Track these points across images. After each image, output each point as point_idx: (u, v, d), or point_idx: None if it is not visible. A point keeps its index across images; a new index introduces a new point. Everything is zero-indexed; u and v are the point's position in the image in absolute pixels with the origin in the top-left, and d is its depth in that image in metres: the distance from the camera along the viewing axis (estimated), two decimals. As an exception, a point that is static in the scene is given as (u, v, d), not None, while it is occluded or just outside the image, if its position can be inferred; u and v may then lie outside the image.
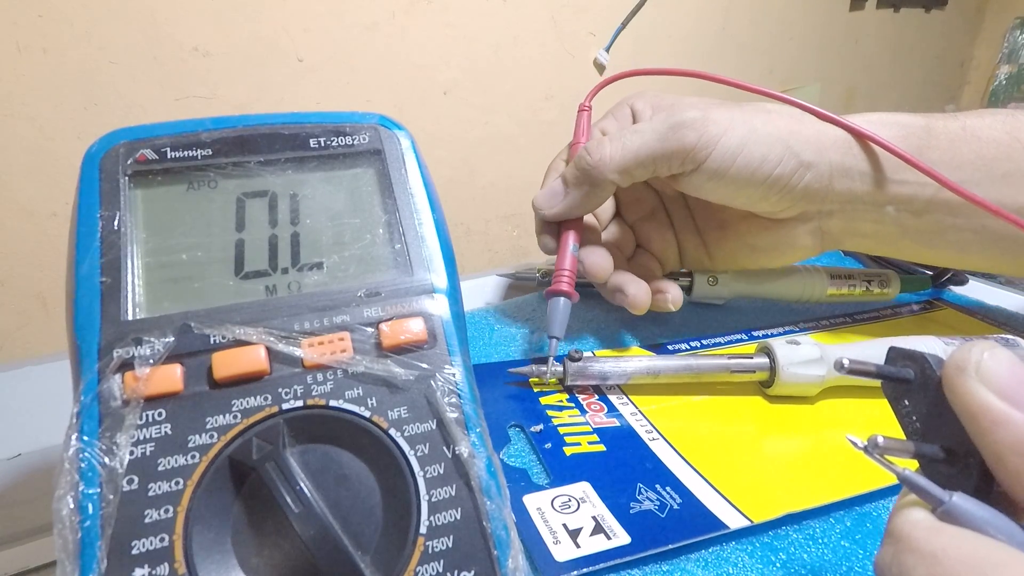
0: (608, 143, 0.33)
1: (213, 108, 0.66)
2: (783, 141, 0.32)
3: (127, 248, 0.21)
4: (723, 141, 0.31)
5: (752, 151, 0.31)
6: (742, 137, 0.31)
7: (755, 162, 0.31)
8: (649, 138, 0.32)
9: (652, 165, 0.32)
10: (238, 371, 0.20)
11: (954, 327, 0.41)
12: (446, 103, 0.79)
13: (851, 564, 0.24)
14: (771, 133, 0.32)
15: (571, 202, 0.34)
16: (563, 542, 0.24)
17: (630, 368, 0.32)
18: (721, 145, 0.31)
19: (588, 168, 0.33)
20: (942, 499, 0.15)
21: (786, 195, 0.33)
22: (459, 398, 0.21)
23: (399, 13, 0.72)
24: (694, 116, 0.31)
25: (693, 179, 0.33)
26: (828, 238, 0.36)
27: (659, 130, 0.32)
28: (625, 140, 0.32)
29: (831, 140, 0.32)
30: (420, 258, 0.24)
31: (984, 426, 0.15)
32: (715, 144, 0.31)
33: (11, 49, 0.55)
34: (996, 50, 1.28)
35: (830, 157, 0.32)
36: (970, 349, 0.16)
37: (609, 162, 0.32)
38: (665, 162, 0.32)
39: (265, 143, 0.24)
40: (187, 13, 0.61)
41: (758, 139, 0.31)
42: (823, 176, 0.32)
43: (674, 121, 0.32)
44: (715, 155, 0.31)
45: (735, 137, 0.31)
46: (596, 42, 0.85)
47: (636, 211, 0.40)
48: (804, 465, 0.29)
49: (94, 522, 0.17)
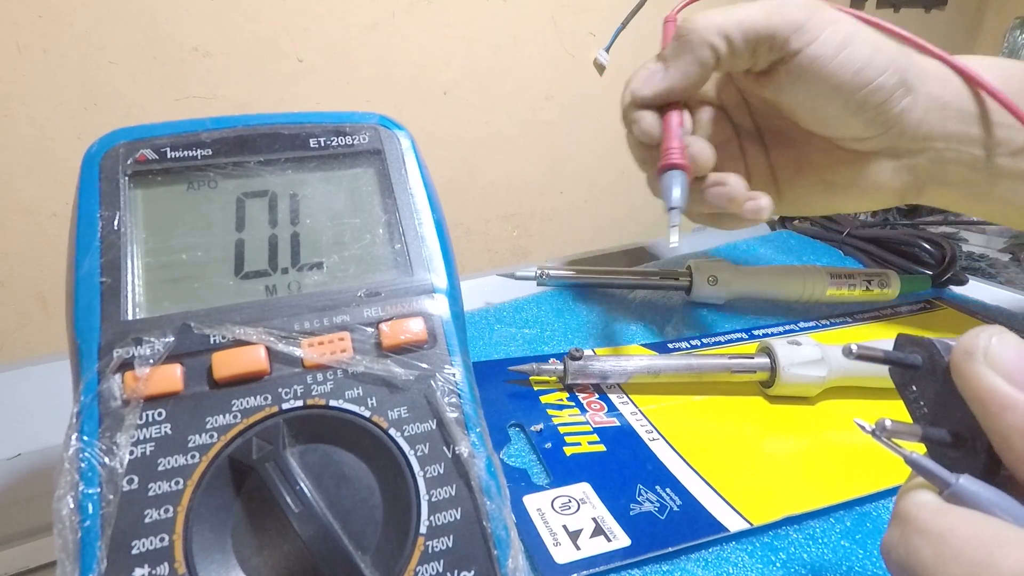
0: (711, 11, 0.31)
1: (213, 108, 0.66)
2: (888, 52, 0.30)
3: (127, 248, 0.21)
4: (832, 29, 0.30)
5: (858, 49, 0.30)
6: (849, 32, 0.30)
7: (859, 62, 0.30)
8: (756, 10, 0.31)
9: (755, 39, 0.31)
10: (238, 371, 0.20)
11: (954, 327, 0.41)
12: (446, 103, 0.79)
13: (851, 564, 0.24)
14: (878, 42, 0.30)
15: (673, 75, 0.32)
16: (563, 544, 0.24)
17: (631, 367, 0.32)
18: (830, 32, 0.30)
19: (690, 31, 0.31)
20: (949, 481, 0.16)
21: (879, 115, 0.31)
22: (459, 398, 0.21)
23: (399, 13, 0.72)
24: (805, 0, 0.30)
25: (791, 69, 0.31)
26: (912, 184, 0.34)
27: (766, 6, 0.31)
28: (730, 10, 0.31)
29: (933, 69, 0.31)
30: (420, 258, 0.24)
31: (992, 410, 0.16)
32: (823, 29, 0.30)
33: (11, 49, 0.55)
34: (996, 50, 1.28)
35: (930, 88, 0.31)
36: (978, 334, 0.16)
37: (712, 25, 0.31)
38: (768, 39, 0.30)
39: (265, 143, 0.24)
40: (187, 13, 0.61)
41: (865, 40, 0.30)
42: (919, 107, 0.31)
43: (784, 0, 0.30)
44: (822, 40, 0.30)
45: (843, 30, 0.30)
46: (596, 42, 0.85)
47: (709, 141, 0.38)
48: (804, 466, 0.29)
49: (94, 522, 0.17)
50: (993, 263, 0.57)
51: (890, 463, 0.28)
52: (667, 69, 0.33)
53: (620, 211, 0.98)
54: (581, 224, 0.95)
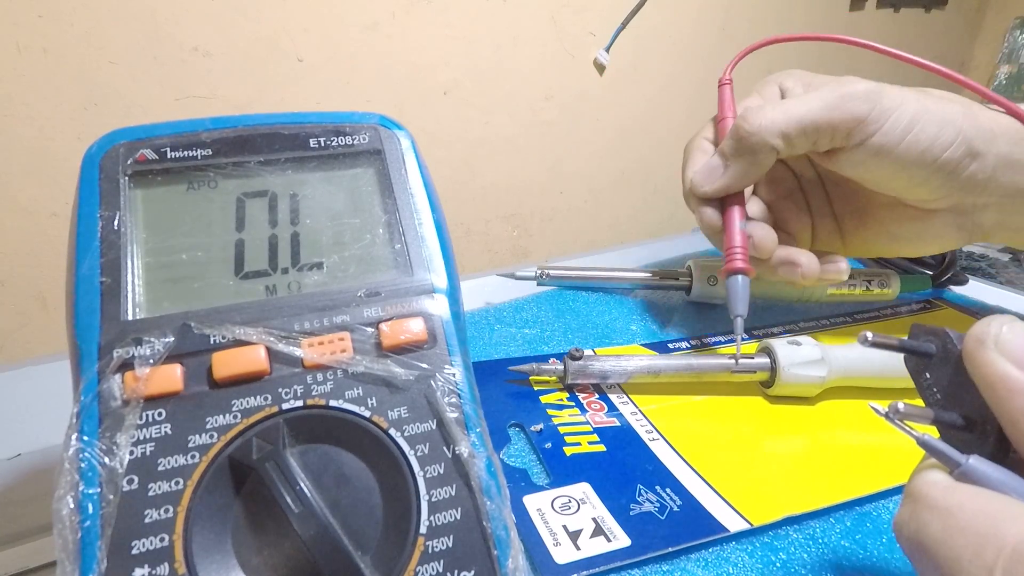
0: (769, 109, 0.31)
1: (213, 108, 0.66)
2: (955, 124, 0.30)
3: (127, 248, 0.21)
4: (895, 116, 0.30)
5: (924, 130, 0.30)
6: (914, 114, 0.30)
7: (925, 142, 0.30)
8: (815, 105, 0.30)
9: (815, 134, 0.31)
10: (238, 371, 0.20)
11: (954, 327, 0.41)
12: (446, 103, 0.79)
13: (851, 564, 0.24)
14: (944, 115, 0.30)
15: (733, 175, 0.33)
16: (563, 544, 0.24)
17: (631, 367, 0.32)
18: (893, 120, 0.30)
19: (748, 134, 0.31)
20: (959, 461, 0.16)
21: (947, 182, 0.31)
22: (459, 398, 0.21)
23: (399, 13, 0.72)
24: (868, 88, 0.30)
25: (854, 155, 0.31)
26: (978, 231, 0.34)
27: (827, 99, 0.30)
28: (788, 106, 0.31)
29: (1003, 128, 0.31)
30: (420, 258, 0.24)
31: (1001, 394, 0.16)
32: (887, 118, 0.30)
33: (11, 49, 0.55)
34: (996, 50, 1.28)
35: (999, 148, 0.31)
36: (989, 323, 0.17)
37: (771, 126, 0.31)
38: (830, 132, 0.30)
39: (265, 143, 0.24)
40: (187, 13, 0.61)
41: (931, 119, 0.30)
42: (988, 167, 0.31)
43: (845, 91, 0.30)
44: (885, 129, 0.30)
45: (907, 113, 0.30)
46: (596, 42, 0.85)
47: (772, 191, 0.38)
48: (804, 467, 0.29)
49: (94, 522, 0.17)
50: (993, 263, 0.57)
51: (890, 463, 0.28)
52: (727, 167, 0.33)
53: (620, 211, 0.98)
54: (581, 224, 0.95)
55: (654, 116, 0.96)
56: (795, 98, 0.31)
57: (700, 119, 0.38)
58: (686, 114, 1.01)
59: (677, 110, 0.98)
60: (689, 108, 1.01)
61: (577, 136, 0.87)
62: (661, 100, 0.96)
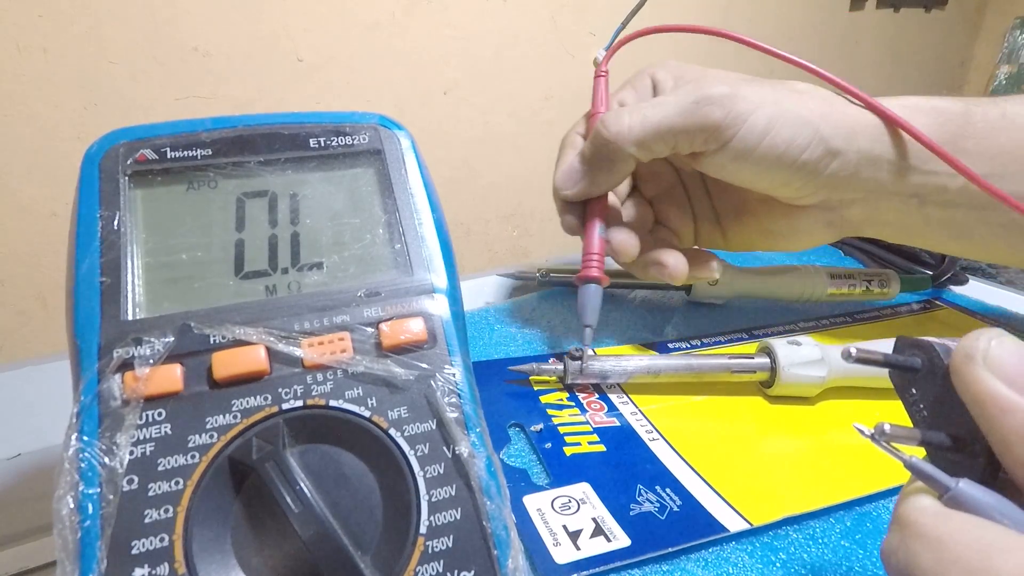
0: (627, 115, 0.31)
1: (213, 108, 0.66)
2: (812, 125, 0.30)
3: (127, 248, 0.21)
4: (750, 121, 0.30)
5: (780, 133, 0.30)
6: (770, 118, 0.30)
7: (781, 145, 0.30)
8: (671, 111, 0.30)
9: (673, 140, 0.31)
10: (238, 371, 0.20)
11: (954, 327, 0.41)
12: (446, 103, 0.79)
13: (851, 564, 0.24)
14: (801, 115, 0.30)
15: (591, 180, 0.33)
16: (563, 544, 0.24)
17: (631, 367, 0.32)
18: (748, 125, 0.30)
19: (606, 142, 0.31)
20: (948, 485, 0.16)
21: (810, 182, 0.31)
22: (459, 398, 0.21)
23: (399, 13, 0.72)
24: (722, 91, 0.30)
25: (715, 159, 0.31)
26: (847, 226, 0.35)
27: (683, 104, 0.30)
28: (645, 112, 0.31)
29: (862, 126, 0.30)
30: (420, 258, 0.24)
31: (991, 413, 0.15)
32: (742, 124, 0.30)
33: (11, 49, 0.55)
34: (996, 50, 1.28)
35: (859, 145, 0.30)
36: (978, 337, 0.16)
37: (628, 134, 0.31)
38: (687, 138, 0.31)
39: (265, 143, 0.24)
40: (187, 13, 0.61)
41: (786, 121, 0.30)
42: (850, 164, 0.31)
43: (700, 95, 0.30)
44: (740, 135, 0.30)
45: (763, 117, 0.30)
46: (596, 42, 0.85)
47: (654, 187, 0.38)
48: (804, 467, 0.29)
49: (94, 522, 0.17)
50: (993, 263, 0.57)
51: (890, 464, 0.28)
52: (586, 171, 0.33)
53: (620, 211, 0.98)
54: (581, 224, 0.95)
55: (654, 116, 0.97)
56: (652, 102, 0.31)
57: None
58: (686, 114, 1.01)
59: (677, 110, 0.99)
60: (689, 108, 1.01)
61: (577, 136, 0.87)
62: (661, 100, 0.96)
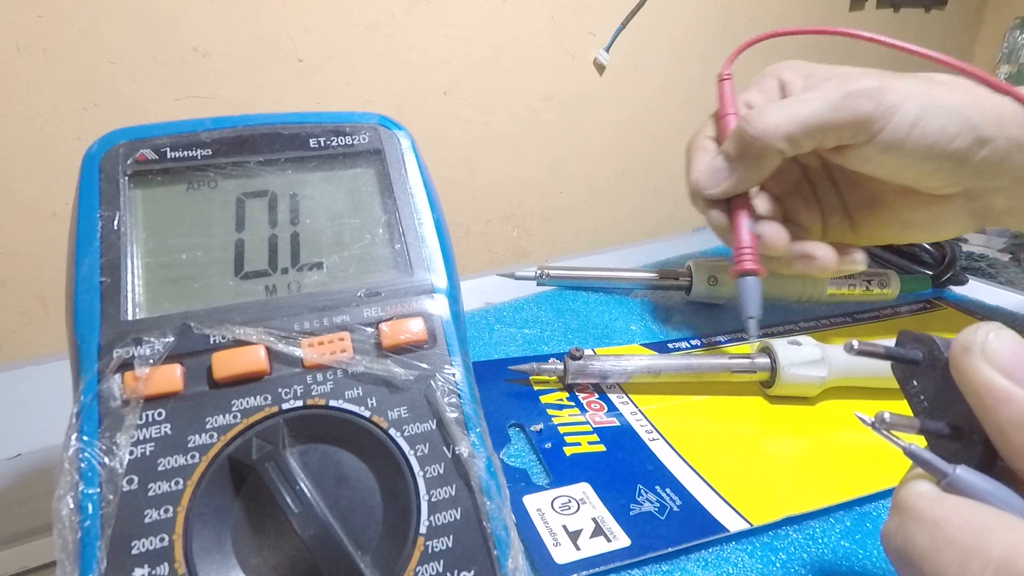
0: (772, 111, 0.31)
1: (213, 108, 0.66)
2: (961, 114, 0.29)
3: (127, 248, 0.21)
4: (901, 112, 0.29)
5: (930, 123, 0.29)
6: (920, 108, 0.29)
7: (932, 135, 0.29)
8: (819, 107, 0.30)
9: (821, 135, 0.30)
10: (238, 371, 0.20)
11: (954, 327, 0.41)
12: (446, 103, 0.79)
13: (851, 564, 0.24)
14: (950, 105, 0.30)
15: (738, 178, 0.32)
16: (563, 544, 0.24)
17: (631, 367, 0.32)
18: (899, 117, 0.29)
19: (752, 139, 0.31)
20: (946, 471, 0.16)
21: (958, 171, 0.31)
22: (459, 398, 0.21)
23: (399, 13, 0.72)
24: (870, 85, 0.30)
25: (863, 151, 0.31)
26: (990, 215, 0.34)
27: (831, 98, 0.30)
28: (792, 108, 0.30)
29: (1010, 113, 0.30)
30: (420, 258, 0.24)
31: (988, 403, 0.16)
32: (892, 115, 0.29)
33: (11, 49, 0.55)
34: (996, 50, 1.28)
35: (1009, 132, 0.30)
36: (976, 330, 0.17)
37: (775, 131, 0.30)
38: (836, 132, 0.30)
39: (265, 143, 0.24)
40: (187, 13, 0.61)
41: (937, 111, 0.29)
42: (999, 152, 0.30)
43: (849, 89, 0.30)
44: (891, 126, 0.29)
45: (913, 108, 0.29)
46: (596, 42, 0.85)
47: (779, 185, 0.37)
48: (804, 467, 0.29)
49: (94, 522, 0.17)
50: (993, 263, 0.57)
51: (890, 464, 0.28)
52: (731, 170, 0.32)
53: (620, 211, 0.98)
54: (581, 224, 0.95)
55: (654, 116, 0.96)
56: (797, 98, 0.31)
57: (700, 118, 0.37)
58: (686, 114, 1.01)
59: (677, 110, 0.98)
60: (689, 108, 1.01)
61: (577, 136, 0.87)
62: (661, 100, 0.96)
